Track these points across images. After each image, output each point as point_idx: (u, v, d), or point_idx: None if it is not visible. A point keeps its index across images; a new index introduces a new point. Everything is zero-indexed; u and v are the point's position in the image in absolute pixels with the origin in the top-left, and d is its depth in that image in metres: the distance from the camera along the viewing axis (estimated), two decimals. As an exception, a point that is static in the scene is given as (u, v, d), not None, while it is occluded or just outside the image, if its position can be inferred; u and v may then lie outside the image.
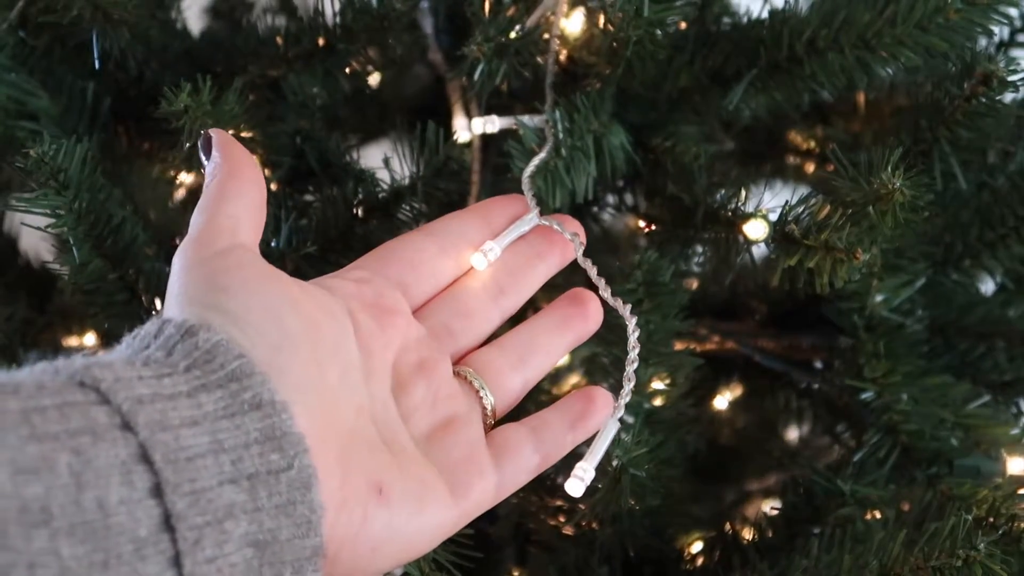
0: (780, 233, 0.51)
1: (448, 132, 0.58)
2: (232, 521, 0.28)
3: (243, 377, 0.30)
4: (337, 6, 0.59)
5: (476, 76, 0.51)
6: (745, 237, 0.52)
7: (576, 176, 0.50)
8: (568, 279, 0.47)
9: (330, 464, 0.32)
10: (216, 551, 0.28)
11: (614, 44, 0.51)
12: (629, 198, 0.63)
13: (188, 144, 0.52)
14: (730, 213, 0.53)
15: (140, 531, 0.26)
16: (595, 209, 0.65)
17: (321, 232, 0.57)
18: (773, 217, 0.52)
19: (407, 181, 0.58)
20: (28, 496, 0.25)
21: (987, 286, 0.64)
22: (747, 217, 0.52)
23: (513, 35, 0.50)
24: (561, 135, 0.50)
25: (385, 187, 0.59)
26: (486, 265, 0.42)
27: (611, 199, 0.64)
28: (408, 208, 0.58)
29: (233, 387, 0.30)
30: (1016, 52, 0.64)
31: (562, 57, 0.54)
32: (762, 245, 0.54)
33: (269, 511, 0.29)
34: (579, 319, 0.43)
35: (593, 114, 0.51)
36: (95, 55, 0.58)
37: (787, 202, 0.52)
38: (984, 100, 0.53)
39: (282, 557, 0.30)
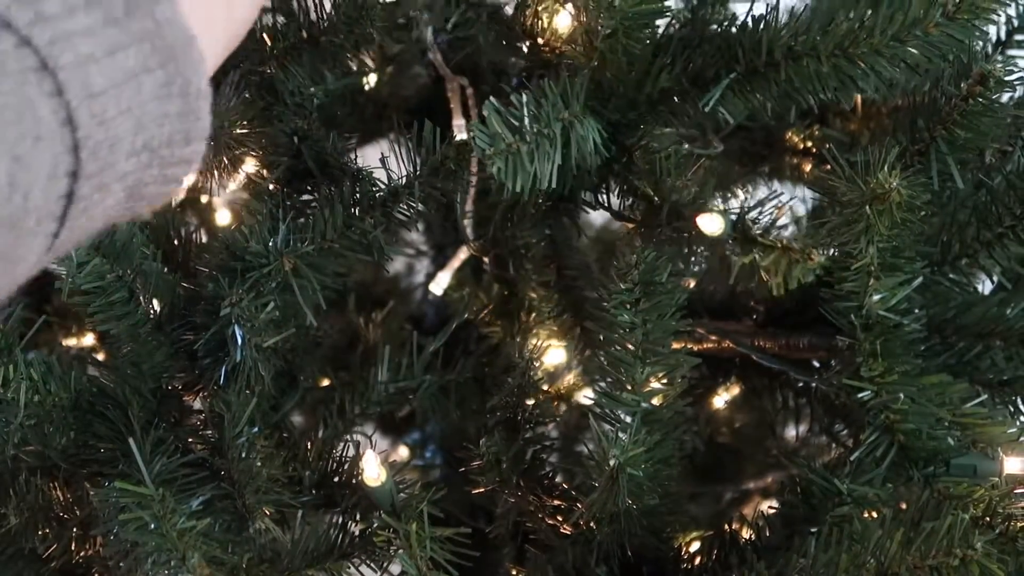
0: (740, 231, 0.51)
1: (446, 132, 0.58)
2: (120, 183, 0.33)
3: (181, 59, 0.34)
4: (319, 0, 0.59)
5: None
6: (700, 232, 0.52)
7: (540, 163, 0.49)
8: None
9: None
10: (94, 205, 0.33)
11: (588, 35, 0.51)
12: (604, 196, 0.63)
13: None
14: (693, 210, 0.53)
15: (48, 207, 0.31)
16: (571, 205, 0.65)
17: (319, 232, 0.57)
18: (733, 215, 0.52)
19: (404, 180, 0.58)
20: None
21: (984, 285, 0.64)
22: (701, 212, 0.52)
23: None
24: (527, 120, 0.49)
25: (383, 186, 0.59)
26: None
27: (587, 196, 0.63)
28: (405, 207, 0.59)
29: (170, 69, 0.33)
30: (1013, 52, 0.64)
31: (540, 43, 0.54)
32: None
33: (153, 172, 0.34)
34: None
35: (562, 102, 0.51)
36: None
37: (745, 200, 0.52)
38: (981, 100, 0.53)
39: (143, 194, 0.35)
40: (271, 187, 0.61)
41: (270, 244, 0.56)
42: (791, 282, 0.49)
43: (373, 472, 0.54)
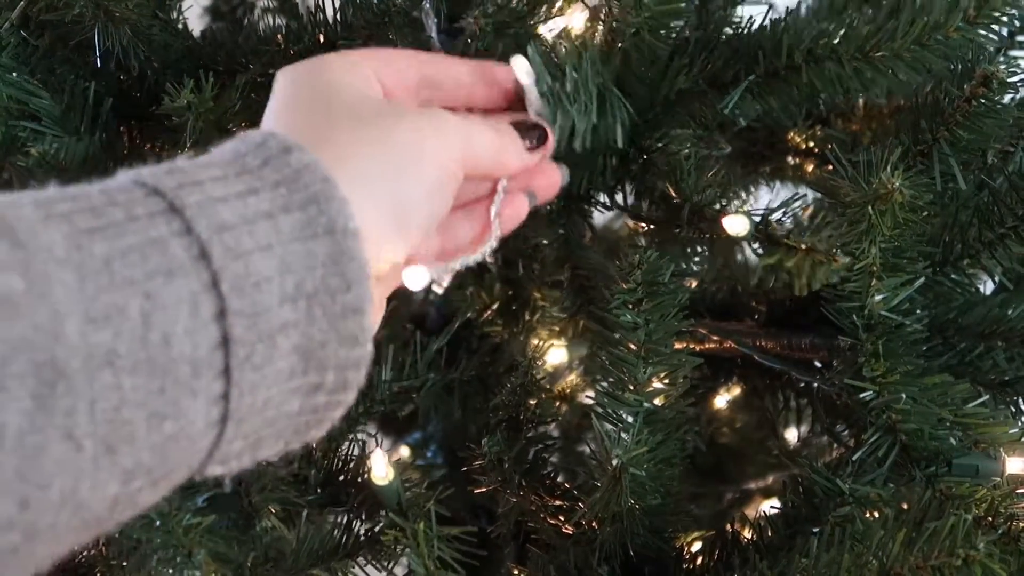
0: (763, 233, 0.51)
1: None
2: (283, 336, 0.32)
3: (323, 200, 0.33)
4: (337, 3, 0.59)
5: (473, 51, 0.51)
6: (725, 233, 0.52)
7: (578, 114, 0.47)
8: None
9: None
10: (264, 360, 0.31)
11: (611, 35, 0.51)
12: (620, 198, 0.63)
13: (191, 142, 0.52)
14: (715, 211, 0.54)
15: (199, 353, 0.30)
16: (584, 205, 0.65)
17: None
18: (756, 216, 0.52)
19: None
20: (94, 343, 0.28)
21: (986, 286, 0.64)
22: (727, 213, 0.52)
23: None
24: (568, 68, 0.47)
25: None
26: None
27: (603, 198, 0.63)
28: None
29: (311, 211, 0.33)
30: (1015, 53, 0.64)
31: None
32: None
33: (321, 325, 0.32)
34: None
35: (599, 72, 0.51)
36: (97, 54, 0.58)
37: (769, 202, 0.52)
38: (984, 101, 0.53)
39: (326, 363, 0.33)
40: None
41: None
42: (815, 283, 0.49)
43: (381, 471, 0.54)
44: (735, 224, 0.51)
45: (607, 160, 0.53)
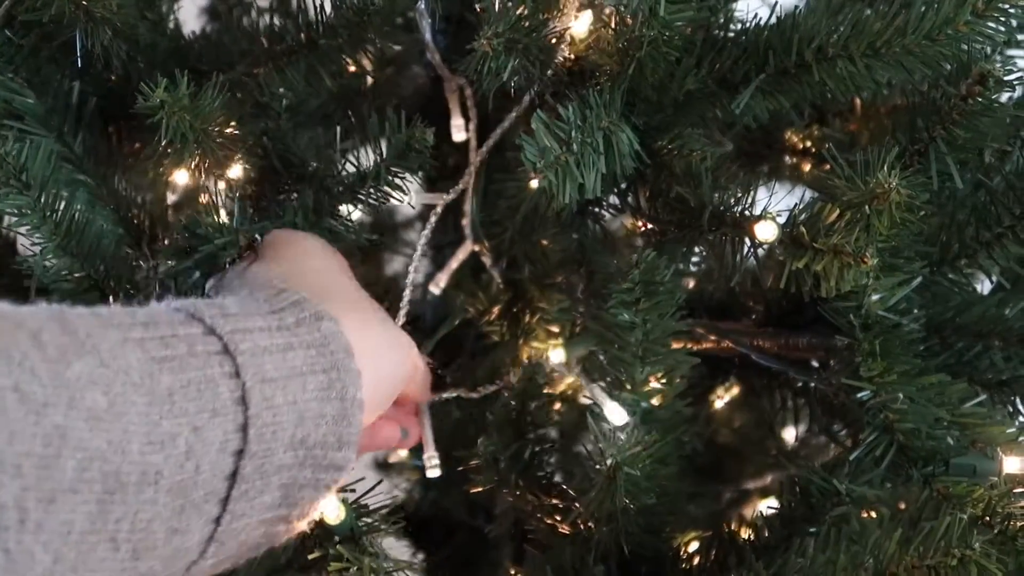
0: (788, 235, 0.51)
1: (445, 133, 0.58)
2: (277, 476, 0.37)
3: (342, 370, 0.39)
4: (318, 3, 0.59)
5: (484, 72, 0.51)
6: (754, 238, 0.52)
7: (586, 171, 0.50)
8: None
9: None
10: (256, 494, 0.37)
11: (625, 44, 0.51)
12: (631, 199, 0.63)
13: (165, 140, 0.52)
14: (737, 215, 0.53)
15: (214, 483, 0.35)
16: (596, 209, 0.65)
17: (288, 221, 0.57)
18: (781, 219, 0.52)
19: (372, 165, 0.58)
20: (149, 462, 0.33)
21: (983, 285, 0.64)
22: (757, 219, 0.52)
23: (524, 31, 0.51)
24: (573, 131, 0.50)
25: (352, 172, 0.59)
26: None
27: (614, 200, 0.63)
28: (373, 191, 0.59)
29: (332, 375, 0.39)
30: (1012, 52, 0.64)
31: (570, 57, 0.54)
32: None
33: (307, 473, 0.38)
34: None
35: (604, 111, 0.52)
36: (78, 54, 0.58)
37: (797, 204, 0.52)
38: (980, 100, 0.53)
39: (299, 502, 0.39)
40: (251, 189, 0.61)
41: (224, 220, 0.53)
42: (844, 285, 0.49)
43: (332, 512, 0.50)
44: (765, 230, 0.51)
45: (619, 165, 0.53)
